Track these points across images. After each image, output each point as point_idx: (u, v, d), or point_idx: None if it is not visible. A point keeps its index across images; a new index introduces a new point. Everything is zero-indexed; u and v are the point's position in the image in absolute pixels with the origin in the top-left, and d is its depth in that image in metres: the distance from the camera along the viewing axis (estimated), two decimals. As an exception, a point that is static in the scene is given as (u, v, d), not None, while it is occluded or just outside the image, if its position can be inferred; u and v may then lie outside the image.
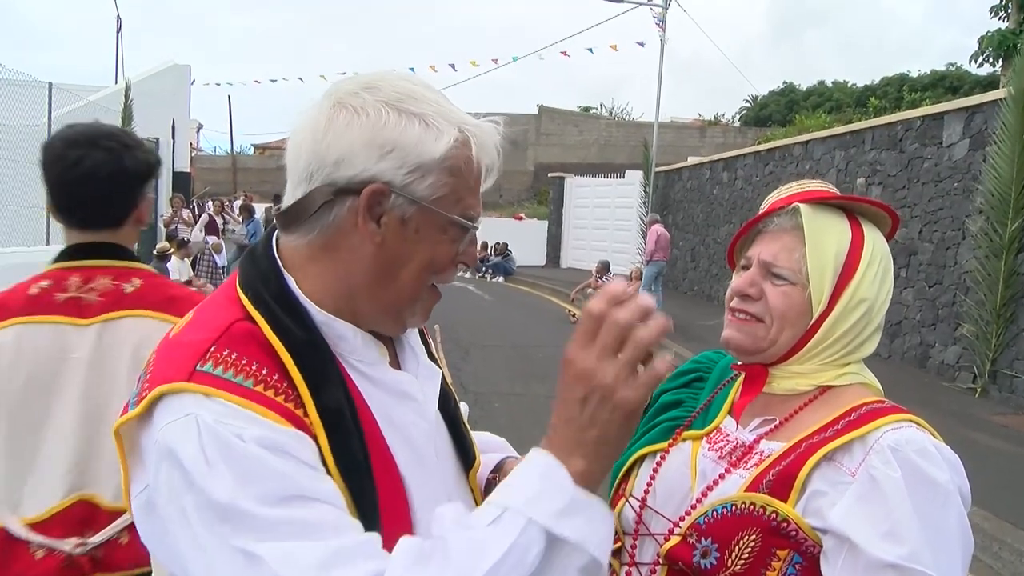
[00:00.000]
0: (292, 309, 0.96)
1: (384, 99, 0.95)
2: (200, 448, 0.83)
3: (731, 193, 16.14)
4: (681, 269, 18.48)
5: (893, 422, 1.11)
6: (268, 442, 0.84)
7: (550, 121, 36.45)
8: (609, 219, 23.34)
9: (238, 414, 0.85)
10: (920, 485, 1.03)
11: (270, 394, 0.88)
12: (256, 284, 0.98)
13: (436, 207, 0.96)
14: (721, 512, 1.12)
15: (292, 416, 0.88)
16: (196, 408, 0.85)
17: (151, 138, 16.39)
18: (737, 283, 1.25)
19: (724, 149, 21.11)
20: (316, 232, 0.97)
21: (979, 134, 8.87)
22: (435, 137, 0.94)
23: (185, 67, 19.14)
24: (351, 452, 0.91)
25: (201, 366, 0.89)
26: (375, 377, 1.01)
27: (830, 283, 1.18)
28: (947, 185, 9.35)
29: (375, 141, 0.93)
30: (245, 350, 0.91)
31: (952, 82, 38.23)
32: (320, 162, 0.94)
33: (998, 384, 8.30)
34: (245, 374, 0.89)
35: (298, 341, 0.94)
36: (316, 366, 0.93)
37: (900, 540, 1.00)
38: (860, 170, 11.27)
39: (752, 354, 1.24)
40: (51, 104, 12.24)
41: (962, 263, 8.95)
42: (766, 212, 1.25)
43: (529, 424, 6.90)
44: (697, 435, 1.27)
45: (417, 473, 1.01)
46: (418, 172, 0.94)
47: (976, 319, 8.45)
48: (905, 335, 9.84)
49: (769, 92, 49.49)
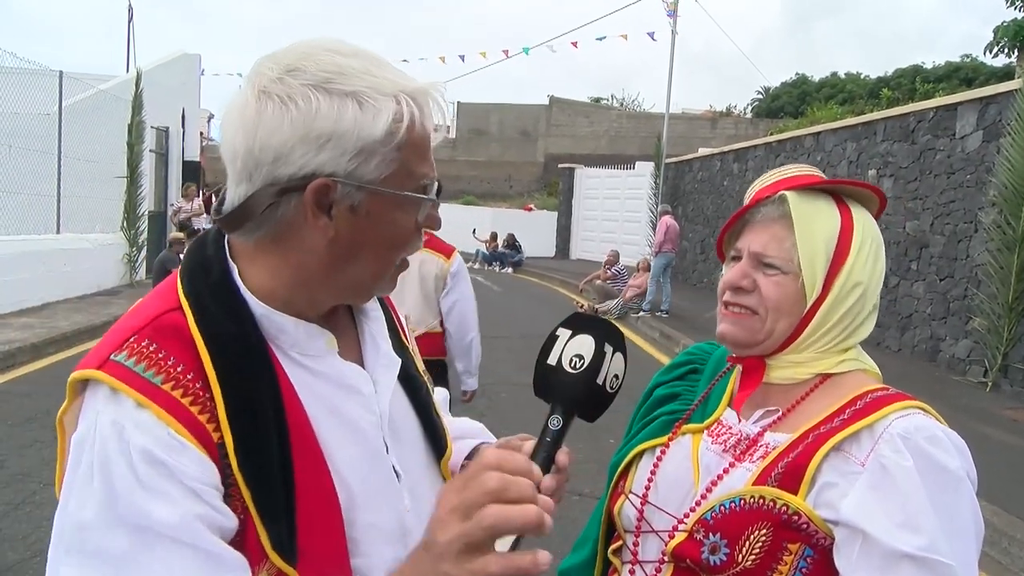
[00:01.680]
0: (227, 301, 0.94)
1: (311, 82, 0.88)
2: (92, 456, 0.83)
3: (742, 185, 16.04)
4: (691, 261, 18.41)
5: (900, 409, 1.09)
6: (150, 456, 0.82)
7: (560, 112, 36.31)
8: (619, 210, 23.27)
9: (133, 417, 0.84)
10: (932, 473, 1.02)
11: (177, 394, 0.86)
12: (194, 273, 0.96)
13: (386, 187, 0.92)
14: (729, 507, 1.10)
15: (193, 422, 0.86)
16: (103, 406, 0.85)
17: (161, 127, 16.49)
18: (729, 276, 1.23)
19: (735, 141, 20.99)
20: (263, 230, 0.93)
21: (993, 125, 8.77)
22: (373, 116, 0.89)
23: (195, 56, 19.16)
24: (262, 455, 0.88)
25: (116, 355, 0.88)
26: (319, 370, 0.98)
27: (823, 270, 1.16)
28: (960, 177, 9.26)
29: (310, 134, 0.88)
30: (165, 343, 0.89)
31: (967, 73, 37.86)
32: (256, 161, 0.90)
33: (1009, 378, 8.24)
34: (157, 369, 0.87)
35: (223, 335, 0.91)
36: (237, 363, 0.90)
37: (916, 530, 0.99)
38: (872, 162, 11.18)
39: (749, 347, 1.22)
40: (62, 93, 12.29)
41: (974, 256, 8.88)
42: (752, 202, 1.22)
43: (536, 414, 6.87)
44: (697, 428, 1.25)
45: (361, 468, 0.98)
46: (361, 156, 0.90)
47: (988, 313, 8.38)
48: (915, 328, 9.78)
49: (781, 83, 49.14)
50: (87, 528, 0.81)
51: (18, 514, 4.46)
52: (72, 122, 12.49)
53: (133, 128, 14.42)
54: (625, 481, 1.28)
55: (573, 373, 1.03)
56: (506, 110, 38.11)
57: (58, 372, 8.00)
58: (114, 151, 14.02)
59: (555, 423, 1.01)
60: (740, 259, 1.23)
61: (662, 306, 13.12)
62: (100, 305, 11.55)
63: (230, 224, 0.95)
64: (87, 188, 13.05)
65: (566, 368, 1.04)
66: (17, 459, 5.33)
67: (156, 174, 16.58)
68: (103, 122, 13.58)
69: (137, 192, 14.57)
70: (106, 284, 13.24)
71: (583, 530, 1.40)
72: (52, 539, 0.85)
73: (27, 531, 4.24)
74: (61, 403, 0.91)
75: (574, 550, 1.40)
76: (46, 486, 4.86)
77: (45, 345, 8.79)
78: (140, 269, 14.46)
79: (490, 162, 36.84)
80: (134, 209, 14.52)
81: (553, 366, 1.05)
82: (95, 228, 13.24)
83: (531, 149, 36.60)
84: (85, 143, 12.92)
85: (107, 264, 13.39)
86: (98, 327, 10.03)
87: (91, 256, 12.67)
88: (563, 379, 1.03)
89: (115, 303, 11.83)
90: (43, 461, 5.31)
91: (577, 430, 1.04)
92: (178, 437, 0.84)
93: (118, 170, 14.14)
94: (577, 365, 1.03)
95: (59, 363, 8.46)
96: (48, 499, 4.65)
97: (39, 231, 11.90)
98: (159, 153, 16.85)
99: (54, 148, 12.08)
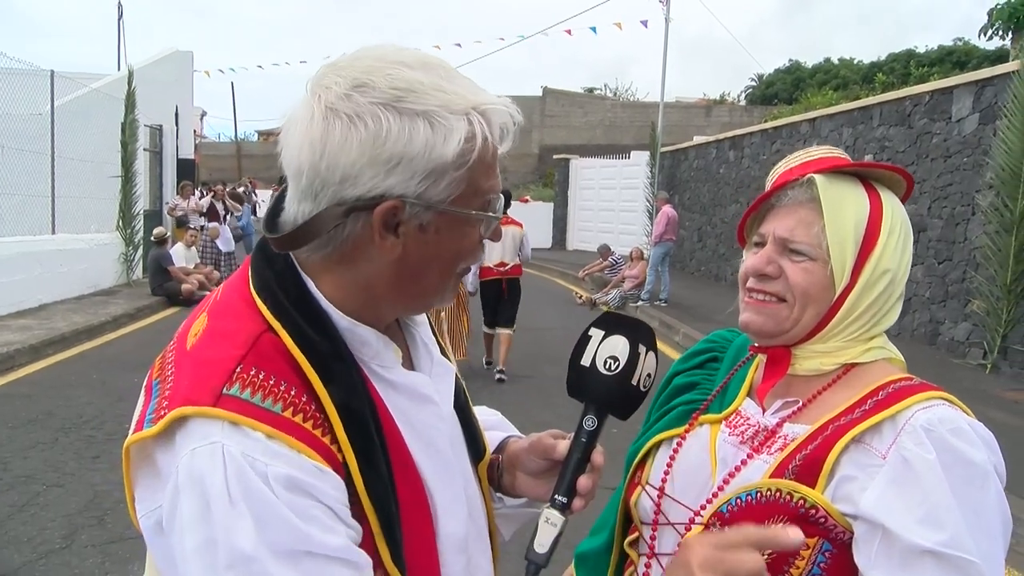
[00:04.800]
0: (314, 316, 0.91)
1: (380, 100, 0.85)
2: (224, 483, 0.79)
3: (738, 172, 16.03)
4: (688, 249, 18.40)
5: (924, 400, 1.05)
6: (293, 483, 0.80)
7: (555, 103, 36.21)
8: (615, 200, 23.23)
9: (266, 448, 0.81)
10: (956, 466, 0.98)
11: (299, 420, 0.84)
12: (273, 288, 0.92)
13: (455, 207, 0.90)
14: (745, 500, 1.07)
15: (321, 446, 0.84)
16: (223, 437, 0.81)
17: (154, 125, 16.42)
18: (753, 262, 1.17)
19: (730, 128, 20.96)
20: (330, 248, 0.91)
21: (989, 108, 8.76)
22: (444, 137, 0.86)
23: (187, 53, 19.06)
24: (380, 476, 0.88)
25: (228, 389, 0.83)
26: (395, 381, 0.97)
27: (852, 255, 1.12)
28: (956, 160, 9.26)
29: (380, 157, 0.85)
30: (272, 368, 0.86)
31: (960, 57, 37.78)
32: (323, 181, 0.87)
33: (1009, 360, 8.26)
34: (274, 397, 0.84)
35: (324, 354, 0.89)
36: (343, 381, 0.89)
37: (939, 525, 0.95)
38: (868, 147, 11.17)
39: (774, 336, 1.17)
40: (53, 92, 12.20)
41: (972, 239, 8.88)
42: (778, 185, 1.18)
43: (539, 406, 6.90)
44: (715, 419, 1.21)
45: (441, 478, 0.97)
46: (431, 178, 0.87)
47: (987, 295, 8.39)
48: (915, 312, 9.79)
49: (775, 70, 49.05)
50: (252, 560, 0.78)
51: (23, 516, 4.44)
52: (65, 122, 12.41)
53: (126, 127, 14.35)
54: (642, 472, 1.26)
55: (608, 375, 1.04)
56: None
57: (58, 373, 7.99)
58: (108, 150, 13.94)
59: (590, 423, 1.02)
60: (763, 245, 1.18)
61: (661, 295, 13.13)
62: (98, 305, 11.51)
63: (293, 242, 0.91)
64: (81, 188, 12.98)
65: (600, 370, 1.04)
66: (20, 461, 5.32)
67: (151, 172, 16.51)
68: (96, 121, 13.51)
69: (132, 191, 14.51)
70: (103, 284, 13.20)
71: (601, 514, 1.38)
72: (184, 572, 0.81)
73: (32, 533, 4.23)
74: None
75: (592, 534, 1.38)
76: (49, 488, 4.85)
77: (44, 346, 8.76)
78: (137, 268, 14.41)
79: (485, 154, 36.68)
80: (129, 208, 14.46)
81: (587, 367, 1.05)
82: (90, 228, 13.18)
83: (526, 141, 36.51)
84: (78, 142, 12.85)
85: (104, 264, 13.35)
86: (96, 327, 10.01)
87: (87, 256, 12.63)
88: (598, 381, 1.04)
89: (113, 303, 11.80)
90: (46, 463, 5.29)
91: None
92: (314, 463, 0.83)
93: (112, 169, 14.07)
94: (612, 367, 1.04)
95: (58, 364, 8.43)
96: (52, 501, 4.64)
97: (34, 232, 11.85)
98: (153, 151, 16.79)
99: (47, 148, 12.00)
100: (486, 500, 1.13)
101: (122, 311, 11.13)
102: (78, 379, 7.60)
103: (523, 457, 1.12)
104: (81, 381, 7.46)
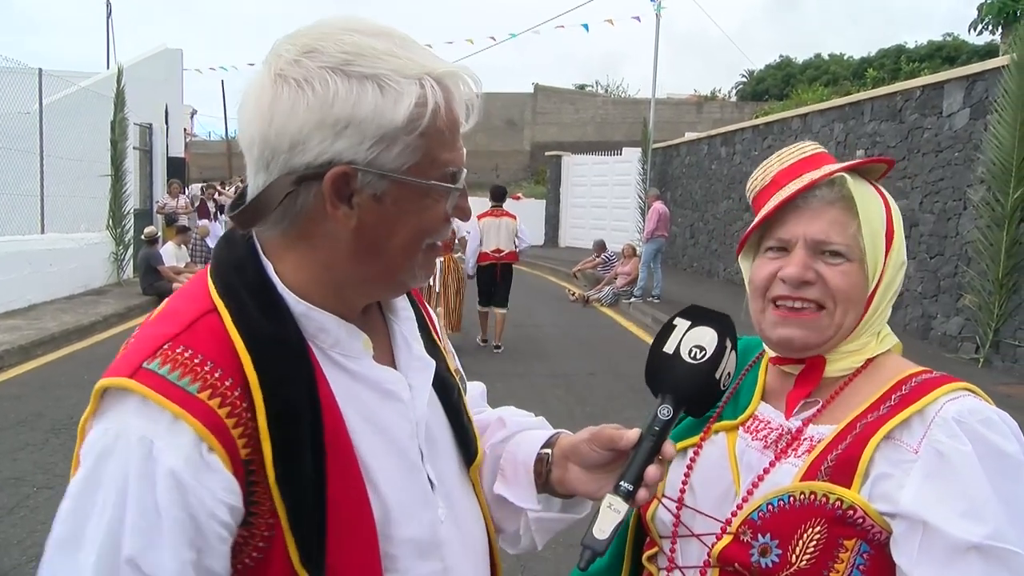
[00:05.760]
0: (265, 299, 0.89)
1: (329, 64, 0.83)
2: (110, 478, 0.80)
3: (730, 168, 16.04)
4: (680, 246, 18.42)
5: (950, 392, 1.04)
6: (174, 481, 0.79)
7: (546, 100, 36.19)
8: (607, 197, 23.24)
9: (166, 432, 0.80)
10: (991, 458, 0.97)
11: (214, 403, 0.82)
12: (227, 272, 0.91)
13: (410, 175, 0.87)
14: (778, 505, 1.04)
15: (225, 435, 0.82)
16: (128, 418, 0.81)
17: (144, 124, 16.32)
18: (790, 270, 1.10)
19: (721, 124, 20.97)
20: (287, 222, 0.89)
21: (980, 103, 8.78)
22: (394, 101, 0.83)
23: (177, 51, 18.98)
24: (298, 466, 0.84)
25: (148, 363, 0.83)
26: (359, 372, 0.94)
27: (882, 252, 1.11)
28: (948, 155, 9.27)
29: (327, 120, 0.83)
30: (203, 348, 0.84)
31: (949, 52, 37.94)
32: (273, 149, 0.85)
33: (1001, 354, 8.28)
34: (193, 376, 0.82)
35: (264, 337, 0.86)
36: (279, 365, 0.86)
37: (981, 518, 0.94)
38: (860, 142, 11.19)
39: (818, 347, 1.13)
40: (42, 90, 12.12)
41: (964, 233, 8.90)
42: (807, 186, 1.11)
43: (531, 404, 6.86)
44: (731, 425, 1.18)
45: (402, 478, 0.94)
46: (382, 143, 0.84)
47: (978, 289, 8.41)
48: (907, 307, 9.81)
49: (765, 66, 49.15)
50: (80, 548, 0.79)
51: (12, 519, 4.40)
52: (53, 120, 12.33)
53: (116, 125, 14.26)
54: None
55: (693, 363, 1.01)
56: (492, 99, 37.92)
57: (47, 374, 7.93)
58: (97, 149, 13.86)
59: (664, 412, 1.00)
60: (785, 250, 1.13)
61: (653, 291, 13.13)
62: (88, 305, 11.44)
63: (249, 217, 0.89)
64: (71, 187, 12.89)
65: (685, 358, 1.02)
66: (10, 463, 5.27)
67: (141, 171, 16.43)
68: (85, 119, 13.41)
69: (122, 190, 14.42)
70: (93, 283, 13.12)
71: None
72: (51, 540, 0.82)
73: (22, 535, 4.19)
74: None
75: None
76: (40, 490, 4.80)
77: (33, 347, 8.70)
78: (127, 267, 14.33)
79: (477, 152, 36.69)
80: (120, 207, 14.38)
81: (670, 355, 1.03)
82: (80, 227, 13.10)
83: (517, 138, 36.49)
84: (67, 141, 12.76)
85: (94, 263, 13.27)
86: (86, 327, 9.94)
87: (77, 255, 12.54)
88: (681, 368, 1.02)
89: (103, 302, 11.72)
90: (36, 465, 5.25)
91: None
92: (210, 456, 0.81)
93: (102, 168, 13.98)
94: (698, 356, 1.01)
95: (48, 365, 8.37)
96: (43, 503, 4.60)
97: (23, 231, 11.76)
98: (143, 150, 16.69)
99: (35, 147, 11.91)
100: (481, 505, 1.10)
101: (112, 311, 11.06)
102: (68, 380, 7.52)
103: (583, 448, 1.06)
104: (71, 382, 7.38)
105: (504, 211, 9.63)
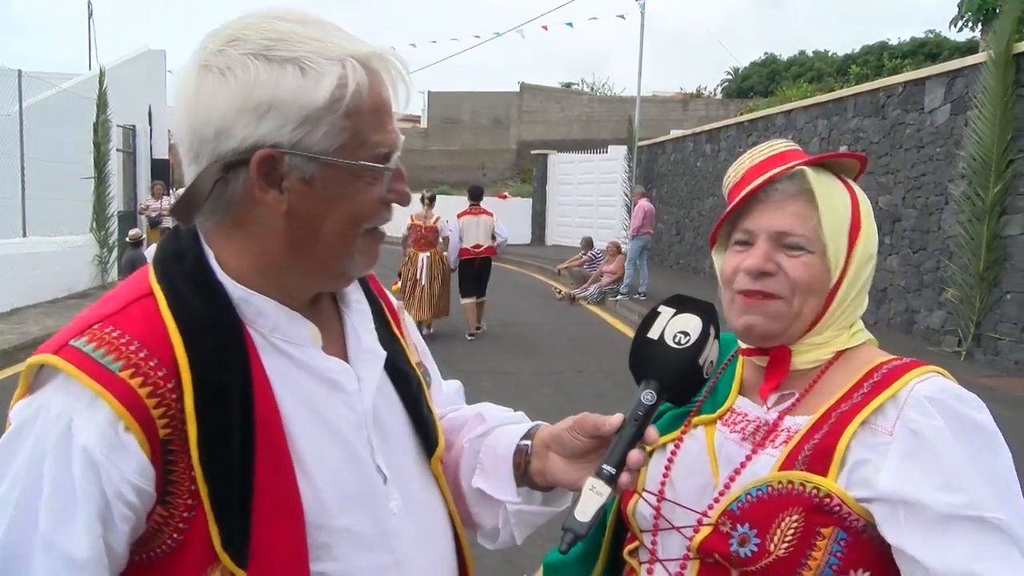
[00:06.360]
0: (203, 284, 0.90)
1: (251, 50, 0.84)
2: (28, 448, 0.82)
3: (715, 165, 16.11)
4: (666, 243, 18.48)
5: (920, 375, 1.06)
6: (88, 459, 0.80)
7: (532, 98, 36.19)
8: (593, 195, 23.28)
9: (85, 408, 0.81)
10: (965, 431, 1.00)
11: (135, 383, 0.82)
12: (167, 260, 0.93)
13: (338, 157, 0.87)
14: (756, 495, 1.06)
15: (143, 414, 0.82)
16: (51, 394, 0.83)
17: (127, 125, 16.20)
18: (750, 261, 1.13)
19: (707, 122, 21.04)
20: (220, 211, 0.90)
21: (960, 99, 8.86)
22: (315, 82, 0.84)
23: (160, 52, 18.86)
24: (224, 449, 0.85)
25: (75, 341, 0.84)
26: (301, 360, 0.94)
27: (845, 245, 1.13)
28: (930, 151, 9.35)
29: (248, 103, 0.83)
30: (133, 329, 0.85)
31: (932, 49, 38.21)
32: (200, 139, 0.86)
33: (983, 347, 8.37)
34: (117, 355, 0.83)
35: (196, 318, 0.87)
36: (210, 348, 0.86)
37: (958, 489, 0.96)
38: (843, 138, 11.26)
39: (777, 337, 1.15)
40: (21, 92, 12.00)
41: (946, 228, 8.98)
42: (766, 180, 1.15)
43: (519, 401, 6.85)
44: (709, 419, 1.20)
45: (344, 468, 0.94)
46: (306, 125, 0.85)
47: (960, 283, 8.49)
48: (891, 301, 9.89)
49: (750, 63, 49.36)
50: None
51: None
52: (34, 122, 12.20)
53: (99, 127, 14.15)
54: (636, 480, 1.25)
55: (677, 348, 1.02)
56: (477, 98, 37.91)
57: (31, 378, 7.85)
58: (80, 151, 13.73)
59: (648, 397, 1.00)
60: (749, 242, 1.16)
61: (640, 289, 13.17)
62: (72, 308, 11.35)
63: (183, 209, 0.90)
64: (53, 190, 12.76)
65: (669, 343, 1.03)
66: (-7, 468, 5.22)
67: (124, 173, 16.31)
68: (67, 122, 13.30)
69: (106, 192, 14.32)
70: (77, 287, 13.01)
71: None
72: None
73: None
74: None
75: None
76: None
77: (16, 351, 8.61)
78: (112, 270, 14.23)
79: (463, 151, 36.67)
80: (103, 209, 14.27)
81: (655, 340, 1.04)
82: (63, 230, 12.98)
83: (503, 136, 36.49)
84: (49, 144, 12.63)
85: (78, 266, 13.16)
86: (71, 331, 9.85)
87: (60, 259, 12.44)
88: (664, 353, 1.03)
89: (87, 306, 11.56)
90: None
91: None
92: (126, 435, 0.82)
93: (85, 170, 13.86)
94: (682, 341, 1.02)
95: (32, 369, 8.29)
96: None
97: (4, 235, 11.65)
98: (127, 152, 16.58)
99: (16, 150, 11.80)
100: (446, 497, 1.10)
101: (97, 314, 10.96)
102: (52, 384, 7.46)
103: (565, 436, 1.06)
104: (56, 385, 7.32)
105: (482, 209, 10.50)
